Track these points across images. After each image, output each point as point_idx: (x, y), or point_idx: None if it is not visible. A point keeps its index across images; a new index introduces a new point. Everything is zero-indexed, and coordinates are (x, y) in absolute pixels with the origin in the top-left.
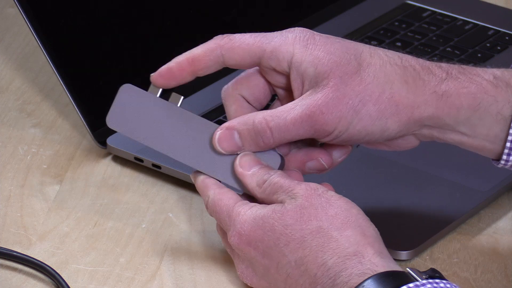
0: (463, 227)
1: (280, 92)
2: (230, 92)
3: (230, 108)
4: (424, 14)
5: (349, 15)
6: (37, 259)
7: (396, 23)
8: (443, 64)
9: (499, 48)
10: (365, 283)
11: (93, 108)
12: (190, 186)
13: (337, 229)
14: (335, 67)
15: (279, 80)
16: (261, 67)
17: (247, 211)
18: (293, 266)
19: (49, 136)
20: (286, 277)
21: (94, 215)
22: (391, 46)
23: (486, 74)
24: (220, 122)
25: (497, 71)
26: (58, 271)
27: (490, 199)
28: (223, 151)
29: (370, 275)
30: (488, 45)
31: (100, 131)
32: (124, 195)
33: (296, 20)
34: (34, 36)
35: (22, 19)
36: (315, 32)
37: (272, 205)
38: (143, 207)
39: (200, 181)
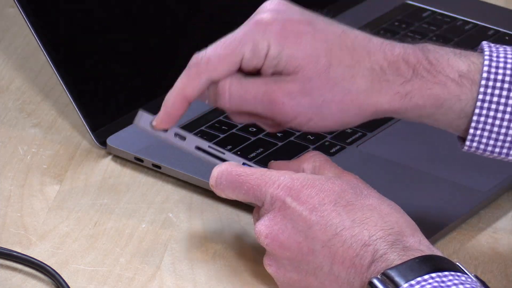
0: (463, 227)
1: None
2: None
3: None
4: (424, 14)
5: (349, 15)
6: (37, 259)
7: (396, 23)
8: (412, 58)
9: None
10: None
11: (93, 108)
12: (190, 186)
13: (398, 212)
14: (304, 64)
15: (252, 68)
16: (242, 66)
17: (296, 173)
18: (346, 225)
19: (49, 136)
20: (332, 237)
21: (94, 215)
22: None
23: (452, 72)
24: (220, 122)
25: (463, 66)
26: (58, 271)
27: (490, 199)
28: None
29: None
30: None
31: (100, 131)
32: (124, 195)
33: None
34: (34, 36)
35: (22, 19)
36: (285, 17)
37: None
38: (143, 207)
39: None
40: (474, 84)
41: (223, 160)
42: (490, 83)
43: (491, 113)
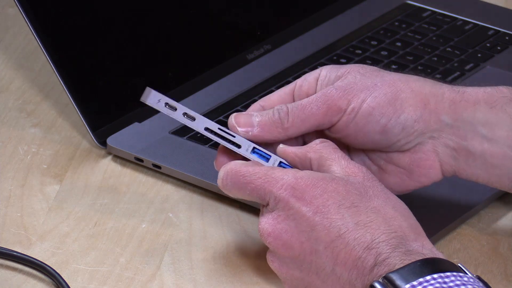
0: (463, 227)
1: None
2: None
3: None
4: (424, 14)
5: (349, 15)
6: (37, 259)
7: (396, 23)
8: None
9: (499, 48)
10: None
11: (93, 108)
12: (190, 186)
13: (402, 215)
14: (354, 67)
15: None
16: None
17: (300, 171)
18: (349, 227)
19: (49, 136)
20: (335, 238)
21: (94, 215)
22: (391, 46)
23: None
24: (220, 122)
25: None
26: (58, 271)
27: (490, 199)
28: (237, 126)
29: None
30: (488, 45)
31: (100, 131)
32: (124, 195)
33: (296, 20)
34: (34, 36)
35: (22, 19)
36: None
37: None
38: (143, 207)
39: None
40: None
41: (233, 143)
42: None
43: None
